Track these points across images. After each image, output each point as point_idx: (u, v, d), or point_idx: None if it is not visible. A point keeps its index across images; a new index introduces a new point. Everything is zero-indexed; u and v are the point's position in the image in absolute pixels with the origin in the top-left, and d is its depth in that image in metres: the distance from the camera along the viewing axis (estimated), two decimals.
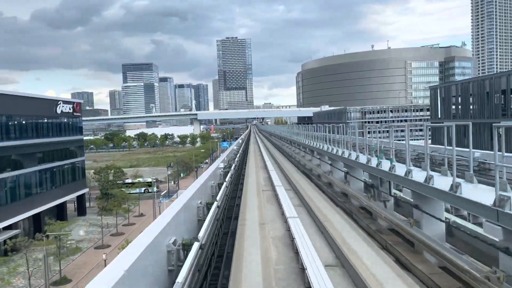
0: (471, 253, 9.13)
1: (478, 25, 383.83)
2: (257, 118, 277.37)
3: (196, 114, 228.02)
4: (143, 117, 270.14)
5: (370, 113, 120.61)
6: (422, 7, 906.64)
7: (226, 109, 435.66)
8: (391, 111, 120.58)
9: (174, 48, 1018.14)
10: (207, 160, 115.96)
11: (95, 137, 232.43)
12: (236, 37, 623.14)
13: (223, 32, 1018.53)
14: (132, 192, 66.64)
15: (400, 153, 17.19)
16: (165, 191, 74.76)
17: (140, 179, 78.43)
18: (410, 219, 10.29)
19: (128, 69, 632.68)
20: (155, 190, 77.73)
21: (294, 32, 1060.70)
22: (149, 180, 78.44)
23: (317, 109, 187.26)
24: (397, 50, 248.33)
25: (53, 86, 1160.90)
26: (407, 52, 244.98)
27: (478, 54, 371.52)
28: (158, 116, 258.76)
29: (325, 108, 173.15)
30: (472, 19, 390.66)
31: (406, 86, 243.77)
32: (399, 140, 23.99)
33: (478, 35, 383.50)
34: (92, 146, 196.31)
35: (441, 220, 9.62)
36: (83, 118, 73.92)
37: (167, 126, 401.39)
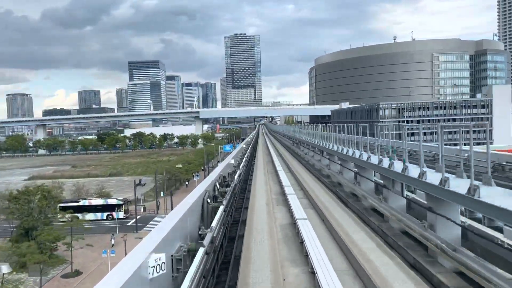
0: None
1: (505, 19, 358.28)
2: (266, 117, 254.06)
3: (198, 112, 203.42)
4: (134, 115, 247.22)
5: (409, 110, 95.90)
6: (433, 6, 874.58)
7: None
8: (436, 108, 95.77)
9: (183, 47, 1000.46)
10: (203, 167, 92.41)
11: (85, 137, 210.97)
12: (245, 34, 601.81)
13: (232, 31, 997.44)
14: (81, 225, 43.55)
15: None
16: (133, 220, 51.39)
17: (101, 201, 55.34)
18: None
19: (134, 67, 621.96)
20: (121, 216, 54.70)
21: (304, 31, 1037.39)
22: (114, 201, 55.10)
23: (335, 107, 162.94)
24: (423, 42, 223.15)
25: (63, 85, 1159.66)
26: (434, 44, 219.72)
27: (506, 49, 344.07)
28: (153, 114, 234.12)
29: (346, 105, 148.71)
30: (498, 14, 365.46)
31: (432, 81, 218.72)
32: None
33: (505, 30, 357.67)
34: (81, 147, 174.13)
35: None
36: (73, 116, 51.23)
37: (173, 125, 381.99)
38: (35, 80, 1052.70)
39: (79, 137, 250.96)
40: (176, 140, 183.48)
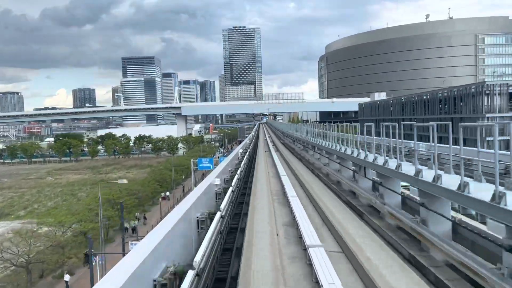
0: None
1: None
2: (268, 114, 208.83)
3: (179, 108, 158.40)
4: (101, 111, 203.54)
5: None
6: (435, 5, 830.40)
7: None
8: None
9: (183, 46, 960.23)
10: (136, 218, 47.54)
11: (46, 141, 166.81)
12: (244, 27, 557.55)
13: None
14: None
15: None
16: None
17: None
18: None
19: (128, 63, 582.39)
20: None
21: (305, 30, 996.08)
22: None
23: (363, 100, 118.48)
24: (464, 21, 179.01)
25: (64, 84, 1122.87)
26: (478, 24, 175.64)
27: None
28: (124, 110, 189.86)
29: (381, 96, 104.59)
30: None
31: (476, 69, 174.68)
32: None
33: None
34: (20, 154, 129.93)
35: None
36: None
37: (158, 124, 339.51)
38: (36, 79, 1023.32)
39: (46, 140, 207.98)
40: (161, 144, 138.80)
